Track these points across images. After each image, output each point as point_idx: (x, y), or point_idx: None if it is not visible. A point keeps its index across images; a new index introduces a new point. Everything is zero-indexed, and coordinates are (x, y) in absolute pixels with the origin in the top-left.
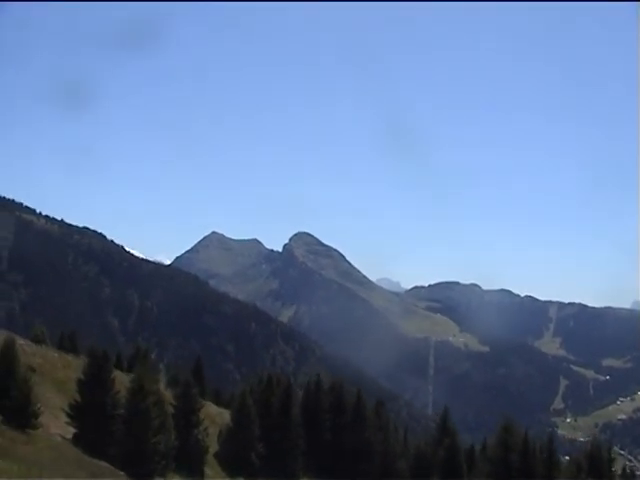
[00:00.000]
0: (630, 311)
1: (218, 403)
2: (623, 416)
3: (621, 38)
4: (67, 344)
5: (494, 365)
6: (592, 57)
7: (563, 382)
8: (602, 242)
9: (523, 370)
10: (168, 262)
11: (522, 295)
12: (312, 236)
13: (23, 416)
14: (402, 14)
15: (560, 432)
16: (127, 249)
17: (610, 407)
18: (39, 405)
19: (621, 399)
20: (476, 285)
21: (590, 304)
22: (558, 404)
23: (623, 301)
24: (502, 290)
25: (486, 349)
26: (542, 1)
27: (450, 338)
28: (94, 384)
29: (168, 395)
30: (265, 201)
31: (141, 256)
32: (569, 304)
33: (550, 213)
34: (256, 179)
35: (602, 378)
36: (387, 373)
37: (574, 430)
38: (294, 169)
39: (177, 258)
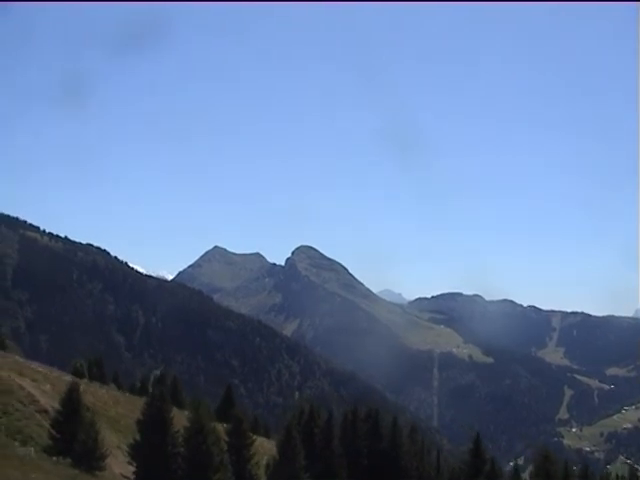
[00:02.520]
0: (633, 319)
1: None
2: (628, 425)
3: (621, 38)
4: (96, 373)
5: (498, 376)
6: (591, 59)
7: (568, 392)
8: (604, 251)
9: (528, 380)
10: (170, 277)
11: (525, 305)
12: (315, 249)
13: (92, 458)
14: (404, 20)
15: (566, 442)
16: (131, 265)
17: (615, 416)
18: (106, 448)
19: (626, 408)
20: (479, 296)
21: (593, 313)
22: (563, 414)
23: (626, 310)
24: (505, 300)
25: (490, 360)
26: (543, 2)
27: (454, 349)
28: (154, 424)
29: (220, 429)
30: (267, 214)
31: (144, 272)
32: (572, 313)
33: (552, 223)
34: (258, 192)
35: (606, 387)
36: (391, 385)
37: (580, 440)
38: (296, 182)
39: (180, 273)
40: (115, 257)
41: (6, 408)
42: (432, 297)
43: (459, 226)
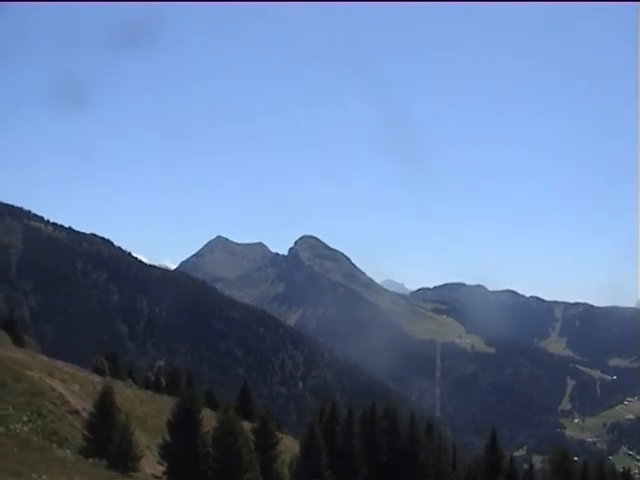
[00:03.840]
0: (635, 310)
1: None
2: (631, 416)
3: (621, 38)
4: (111, 368)
5: (501, 366)
6: (591, 57)
7: (570, 382)
8: (606, 241)
9: (530, 371)
10: (173, 267)
11: (527, 296)
12: (317, 239)
13: (127, 460)
14: (400, 15)
15: (568, 433)
16: (135, 255)
17: (617, 407)
18: (140, 449)
19: (628, 399)
20: (481, 286)
21: (595, 304)
22: (565, 405)
23: (628, 301)
24: (507, 291)
25: (492, 350)
26: (542, 1)
27: (456, 339)
28: (184, 426)
29: (246, 429)
30: (269, 204)
31: (147, 261)
32: (574, 304)
33: (554, 212)
34: (260, 182)
35: (609, 378)
36: (394, 375)
37: (582, 431)
38: (298, 172)
39: (182, 263)
40: (119, 247)
41: (40, 410)
42: (434, 287)
43: (462, 216)
